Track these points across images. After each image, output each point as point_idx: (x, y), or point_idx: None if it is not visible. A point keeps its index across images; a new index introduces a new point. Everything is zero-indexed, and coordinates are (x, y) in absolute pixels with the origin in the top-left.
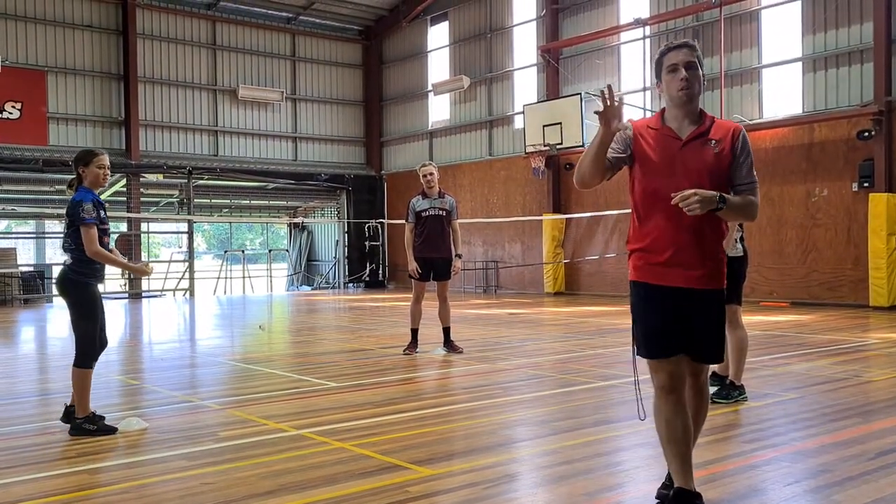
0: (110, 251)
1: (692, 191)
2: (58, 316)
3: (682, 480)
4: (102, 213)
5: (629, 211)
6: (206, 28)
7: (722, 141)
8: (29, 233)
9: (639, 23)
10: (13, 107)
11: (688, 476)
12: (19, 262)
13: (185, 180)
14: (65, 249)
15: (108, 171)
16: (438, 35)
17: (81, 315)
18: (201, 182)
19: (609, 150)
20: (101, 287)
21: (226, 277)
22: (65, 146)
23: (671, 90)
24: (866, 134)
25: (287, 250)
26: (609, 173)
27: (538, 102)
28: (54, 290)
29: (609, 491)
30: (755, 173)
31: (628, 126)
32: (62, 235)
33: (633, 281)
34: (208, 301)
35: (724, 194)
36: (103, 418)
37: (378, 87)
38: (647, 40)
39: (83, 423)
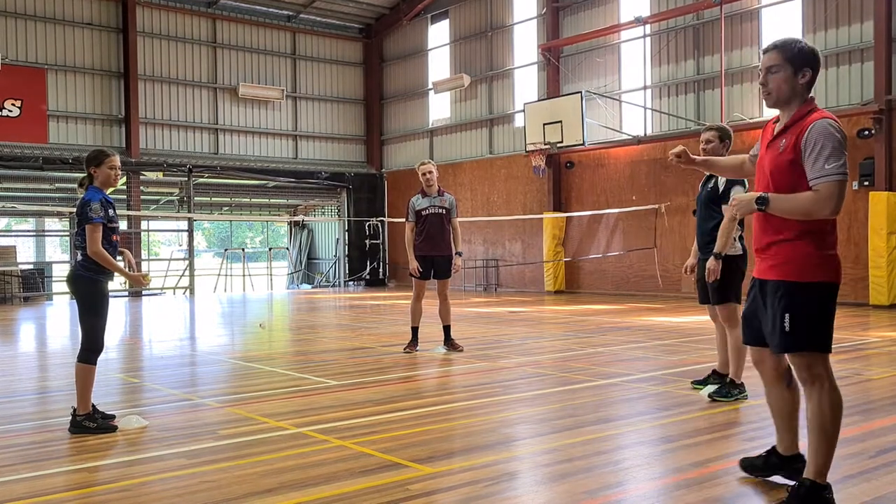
0: (121, 252)
1: (734, 198)
2: (58, 314)
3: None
4: (112, 211)
5: (630, 209)
6: (207, 26)
7: (793, 137)
8: (29, 231)
9: (639, 21)
10: (13, 104)
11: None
12: (19, 259)
13: (186, 178)
14: (76, 247)
15: (119, 172)
16: (439, 33)
17: (89, 310)
18: (201, 180)
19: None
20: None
21: (226, 276)
22: (65, 144)
23: None
24: (867, 132)
25: (287, 248)
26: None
27: (539, 101)
28: (54, 288)
29: (609, 489)
30: (833, 165)
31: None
32: (74, 233)
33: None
34: (208, 299)
35: (766, 195)
36: (113, 416)
37: (378, 86)
38: (648, 39)
39: (83, 421)
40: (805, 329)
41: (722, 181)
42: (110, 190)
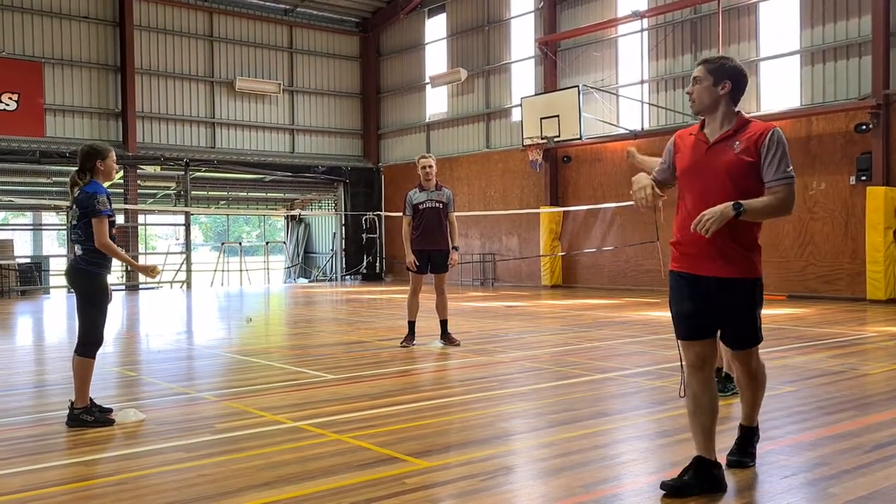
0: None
1: (702, 214)
2: (55, 307)
3: (702, 450)
4: (111, 205)
5: (627, 204)
6: (203, 20)
7: (747, 141)
8: (26, 225)
9: (637, 15)
10: (10, 98)
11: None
12: (16, 253)
13: (183, 172)
14: (74, 241)
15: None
16: (436, 27)
17: (89, 304)
18: (198, 174)
19: (659, 164)
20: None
21: (223, 270)
22: (61, 138)
23: None
24: (864, 127)
25: (284, 243)
26: (668, 185)
27: (536, 95)
28: (52, 282)
29: (605, 483)
30: (789, 168)
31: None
32: (71, 227)
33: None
34: (205, 293)
35: (741, 202)
36: (111, 410)
37: (375, 80)
38: (645, 33)
39: (81, 414)
40: (760, 322)
41: None
42: (107, 183)
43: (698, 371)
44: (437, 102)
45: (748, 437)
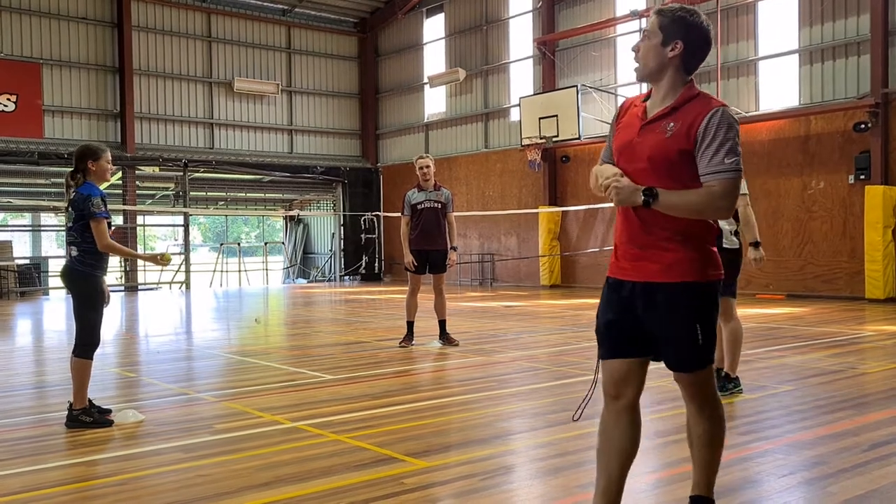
0: None
1: (611, 177)
2: (54, 308)
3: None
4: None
5: None
6: (201, 20)
7: (682, 124)
8: (25, 226)
9: (635, 15)
10: (8, 99)
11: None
12: (15, 255)
13: (181, 173)
14: (69, 243)
15: (111, 167)
16: (434, 27)
17: (86, 305)
18: (197, 175)
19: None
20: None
21: (222, 270)
22: (60, 139)
23: None
24: (863, 126)
25: (283, 243)
26: None
27: (534, 95)
28: (51, 283)
29: None
30: (733, 160)
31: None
32: (67, 229)
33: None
34: (204, 294)
35: (655, 189)
36: (110, 411)
37: (374, 80)
38: (644, 32)
39: (80, 415)
40: (711, 338)
41: None
42: (105, 184)
43: (613, 401)
44: (435, 102)
45: None
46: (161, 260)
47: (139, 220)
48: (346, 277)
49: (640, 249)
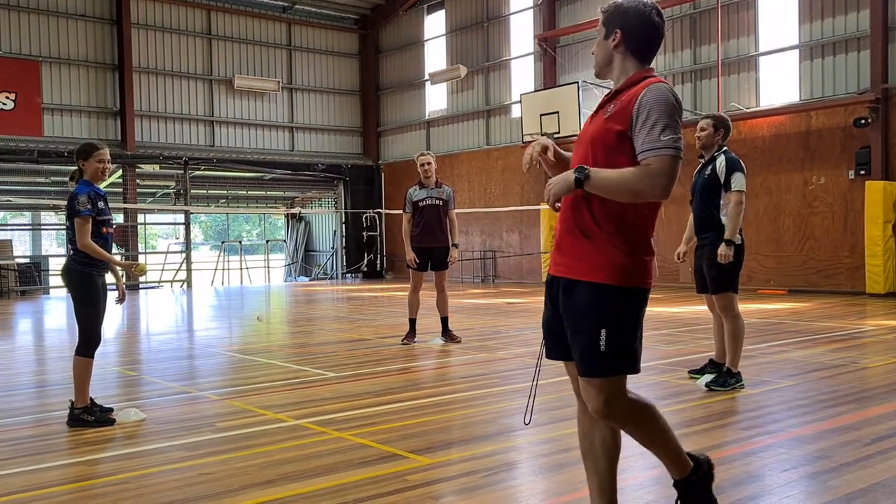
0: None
1: (548, 183)
2: (55, 307)
3: None
4: (101, 204)
5: None
6: (202, 17)
7: (620, 104)
8: (25, 224)
9: None
10: (7, 97)
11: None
12: (15, 253)
13: (182, 171)
14: (67, 241)
15: (109, 165)
16: (435, 24)
17: (83, 303)
18: (198, 173)
19: None
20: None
21: (223, 269)
22: (60, 137)
23: None
24: (863, 121)
25: (284, 241)
26: None
27: (535, 91)
28: (51, 282)
29: None
30: (670, 137)
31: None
32: (65, 227)
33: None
34: (206, 292)
35: (585, 167)
36: (111, 410)
37: (375, 77)
38: None
39: (81, 414)
40: (618, 348)
41: (721, 167)
42: (106, 182)
43: (583, 401)
44: (436, 99)
45: None
46: (135, 270)
47: (140, 218)
48: (348, 275)
49: (571, 246)
